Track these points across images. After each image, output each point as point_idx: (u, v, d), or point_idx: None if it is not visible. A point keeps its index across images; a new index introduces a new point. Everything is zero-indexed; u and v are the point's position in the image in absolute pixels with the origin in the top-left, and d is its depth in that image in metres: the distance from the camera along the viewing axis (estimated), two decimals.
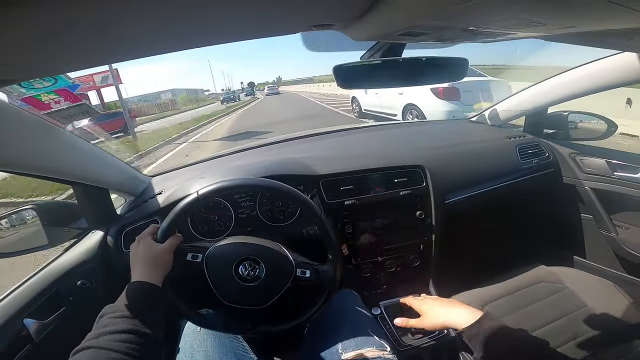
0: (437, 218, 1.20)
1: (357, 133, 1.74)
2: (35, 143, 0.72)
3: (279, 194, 0.85)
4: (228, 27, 0.47)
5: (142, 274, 0.67)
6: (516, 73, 4.49)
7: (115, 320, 0.56)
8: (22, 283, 0.87)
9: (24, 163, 0.71)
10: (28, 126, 0.70)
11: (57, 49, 0.40)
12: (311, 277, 0.81)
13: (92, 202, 1.02)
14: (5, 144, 0.63)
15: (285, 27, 0.52)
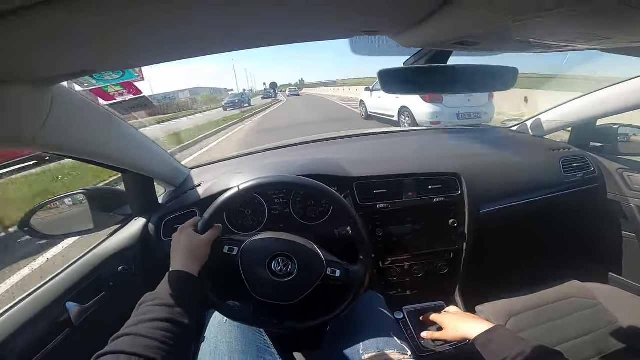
0: (469, 227, 1.18)
1: (391, 137, 1.73)
2: (98, 132, 0.78)
3: (315, 192, 0.86)
4: (285, 30, 0.49)
5: (182, 264, 0.69)
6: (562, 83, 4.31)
7: (154, 308, 0.58)
8: (68, 266, 0.91)
9: (88, 150, 0.76)
10: (94, 116, 0.75)
11: (132, 43, 0.44)
12: (341, 276, 0.82)
13: (138, 190, 1.07)
14: (74, 132, 0.68)
15: (338, 31, 0.54)
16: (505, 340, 0.72)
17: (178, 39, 0.45)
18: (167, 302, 0.59)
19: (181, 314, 0.58)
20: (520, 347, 0.66)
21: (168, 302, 0.59)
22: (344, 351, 0.82)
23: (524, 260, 1.37)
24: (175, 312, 0.58)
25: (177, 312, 0.58)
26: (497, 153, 1.38)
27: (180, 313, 0.58)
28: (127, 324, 0.56)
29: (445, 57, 0.70)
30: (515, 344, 0.69)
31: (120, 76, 0.60)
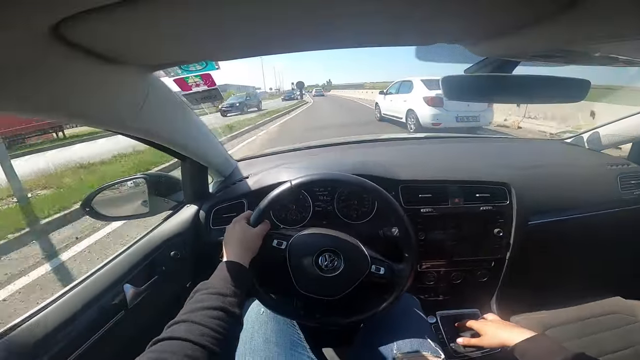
0: (515, 238, 1.16)
1: (439, 143, 1.71)
2: (176, 120, 0.83)
3: (365, 191, 0.88)
4: (370, 35, 0.52)
5: (235, 254, 0.72)
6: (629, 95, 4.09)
7: (209, 297, 0.59)
8: (127, 249, 0.95)
9: (165, 136, 0.81)
10: (174, 104, 0.80)
11: (222, 37, 0.47)
12: (385, 274, 0.83)
13: (193, 178, 1.12)
14: (158, 118, 0.74)
15: (421, 39, 0.55)
16: (545, 350, 0.71)
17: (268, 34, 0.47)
18: (221, 292, 0.60)
19: (232, 304, 0.60)
20: (562, 356, 0.65)
21: (222, 292, 0.60)
22: (378, 349, 0.83)
23: (566, 274, 1.33)
24: (228, 301, 0.59)
25: (229, 301, 0.59)
26: (550, 165, 1.34)
27: (231, 303, 0.60)
28: (182, 311, 0.58)
29: (511, 67, 0.70)
30: (558, 352, 0.68)
31: (202, 67, 0.63)
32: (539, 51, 0.49)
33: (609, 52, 0.45)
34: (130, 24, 0.37)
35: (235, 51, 0.55)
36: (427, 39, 0.56)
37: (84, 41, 0.39)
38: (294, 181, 0.83)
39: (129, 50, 0.47)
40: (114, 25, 0.37)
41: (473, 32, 0.50)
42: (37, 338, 0.65)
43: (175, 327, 0.54)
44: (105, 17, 0.33)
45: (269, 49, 0.54)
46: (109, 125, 0.61)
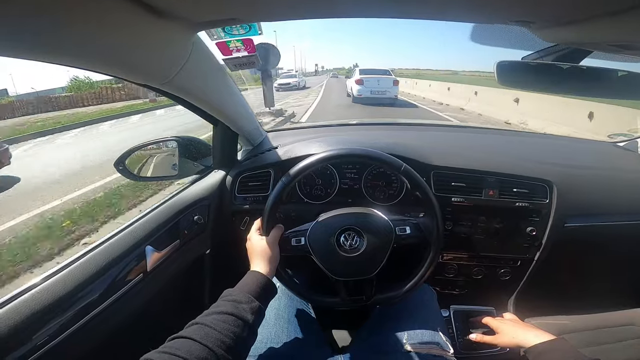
0: (549, 239, 1.10)
1: (478, 133, 1.64)
2: (214, 83, 0.82)
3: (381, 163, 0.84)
4: (442, 6, 0.48)
5: (257, 265, 0.75)
6: None
7: (225, 303, 0.62)
8: (151, 210, 0.94)
9: (203, 98, 0.82)
10: (214, 68, 0.79)
11: None
12: (412, 232, 0.81)
13: (224, 143, 1.12)
14: (197, 79, 0.73)
15: (493, 16, 0.51)
16: (560, 354, 0.69)
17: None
18: (237, 299, 0.64)
19: (245, 310, 0.62)
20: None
21: (237, 299, 0.64)
22: (388, 336, 0.83)
23: (593, 281, 1.28)
24: (241, 307, 0.62)
25: (243, 308, 0.62)
26: (598, 167, 1.25)
27: (244, 309, 0.62)
28: (202, 313, 0.61)
29: (580, 57, 0.64)
30: (574, 358, 0.66)
31: (246, 31, 0.61)
32: (619, 40, 0.44)
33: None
34: None
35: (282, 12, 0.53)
36: (490, 16, 0.51)
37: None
38: (284, 178, 0.81)
39: (178, 4, 0.45)
40: None
41: (547, 14, 0.45)
42: (57, 297, 0.66)
43: (190, 329, 0.58)
44: None
45: (314, 13, 0.51)
46: (151, 80, 0.61)
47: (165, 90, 0.69)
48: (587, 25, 0.43)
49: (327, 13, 0.51)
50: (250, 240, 0.81)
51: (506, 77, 0.69)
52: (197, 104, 0.83)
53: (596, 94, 0.71)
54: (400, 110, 10.29)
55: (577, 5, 0.40)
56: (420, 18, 0.52)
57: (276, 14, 0.54)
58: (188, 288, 1.08)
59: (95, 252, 0.77)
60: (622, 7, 0.36)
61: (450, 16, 0.51)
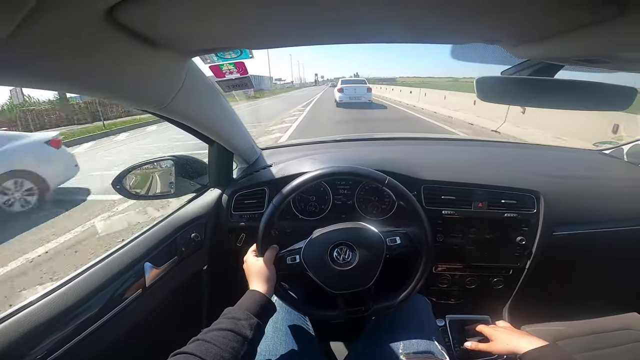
0: (538, 247, 1.12)
1: (466, 146, 1.67)
2: (209, 105, 0.85)
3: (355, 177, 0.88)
4: (414, 31, 0.51)
5: (255, 285, 0.78)
6: None
7: (225, 320, 0.65)
8: (150, 228, 0.96)
9: (196, 120, 0.84)
10: (208, 90, 0.82)
11: (261, 26, 0.48)
12: (402, 242, 0.84)
13: (219, 163, 1.15)
14: (192, 102, 0.76)
15: (462, 37, 0.54)
16: (556, 359, 0.70)
17: (323, 25, 0.48)
18: (236, 316, 0.66)
19: (244, 326, 0.64)
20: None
21: (236, 316, 0.66)
22: (384, 347, 0.83)
23: (585, 287, 1.29)
24: (240, 324, 0.64)
25: (241, 324, 0.64)
26: (584, 175, 1.28)
27: (243, 325, 0.64)
28: (203, 330, 0.63)
29: (553, 71, 0.67)
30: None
31: (237, 55, 0.64)
32: (585, 55, 0.47)
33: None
34: (176, 10, 0.39)
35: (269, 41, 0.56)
36: (463, 38, 0.55)
37: (134, 24, 0.41)
38: (274, 201, 0.84)
39: (171, 35, 0.48)
40: (162, 11, 0.38)
41: (514, 33, 0.48)
42: (58, 312, 0.67)
43: (192, 345, 0.60)
44: (156, 2, 0.34)
45: (298, 40, 0.54)
46: (146, 106, 0.64)
47: (163, 114, 0.72)
48: (552, 41, 0.46)
49: (309, 41, 0.54)
50: (247, 262, 0.84)
51: (486, 92, 0.71)
52: (193, 126, 0.86)
53: (572, 106, 0.74)
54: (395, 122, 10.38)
55: (539, 23, 0.43)
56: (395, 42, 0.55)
57: (264, 43, 0.57)
58: (186, 303, 1.09)
59: (95, 268, 0.78)
60: (581, 24, 0.39)
61: (423, 39, 0.54)
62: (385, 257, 0.83)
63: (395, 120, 10.76)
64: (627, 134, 4.03)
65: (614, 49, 0.43)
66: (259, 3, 0.38)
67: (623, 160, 1.44)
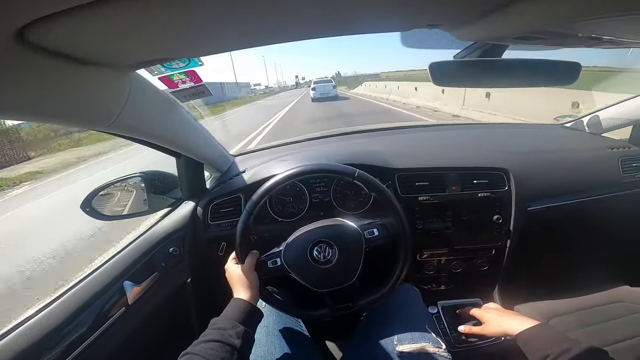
0: (515, 224, 1.14)
1: (434, 131, 1.69)
2: (164, 117, 0.83)
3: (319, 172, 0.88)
4: (348, 22, 0.51)
5: (239, 293, 0.77)
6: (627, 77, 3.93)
7: (212, 332, 0.65)
8: (125, 247, 0.95)
9: (155, 134, 0.82)
10: (161, 102, 0.80)
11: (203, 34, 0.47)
12: (380, 233, 0.84)
13: (189, 175, 1.13)
14: (143, 116, 0.74)
15: (402, 24, 0.54)
16: (550, 338, 0.70)
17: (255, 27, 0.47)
18: (222, 326, 0.66)
19: (231, 335, 0.64)
20: (565, 345, 0.64)
21: (222, 326, 0.66)
22: (378, 342, 0.83)
23: (571, 262, 1.31)
24: (227, 334, 0.64)
25: (228, 334, 0.64)
26: (550, 150, 1.31)
27: (230, 334, 0.64)
28: (192, 344, 0.63)
29: (500, 51, 0.68)
30: (561, 342, 0.66)
31: (186, 64, 0.63)
32: (519, 33, 0.48)
33: (590, 31, 0.44)
34: (100, 25, 0.37)
35: (216, 46, 0.55)
36: (406, 24, 0.55)
37: (52, 45, 0.39)
38: (247, 206, 0.84)
39: (103, 52, 0.47)
40: (83, 27, 0.37)
41: (450, 15, 0.49)
42: (40, 337, 0.65)
43: (181, 358, 0.60)
44: (72, 19, 0.33)
45: (239, 44, 0.54)
46: (91, 126, 0.62)
47: (112, 132, 0.70)
48: (486, 21, 0.46)
49: (250, 43, 0.54)
50: (228, 270, 0.84)
51: (440, 77, 0.72)
52: (152, 141, 0.84)
53: (522, 84, 0.75)
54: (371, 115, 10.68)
55: (471, 3, 0.43)
56: (333, 35, 0.55)
57: (205, 50, 0.56)
58: (174, 317, 1.08)
59: (74, 290, 0.77)
60: (503, 2, 0.40)
61: (364, 29, 0.54)
62: (365, 250, 0.83)
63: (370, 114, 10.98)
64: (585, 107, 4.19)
65: (546, 24, 0.44)
66: (184, 11, 0.38)
67: (585, 131, 1.48)
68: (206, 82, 0.78)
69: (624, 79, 3.92)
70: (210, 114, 9.97)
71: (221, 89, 48.13)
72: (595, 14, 0.35)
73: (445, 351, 0.79)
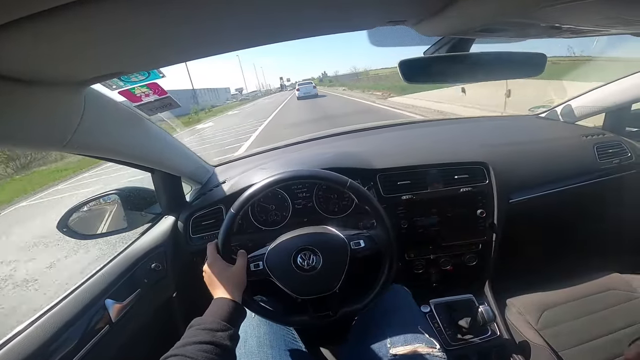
0: (499, 217, 1.14)
1: (414, 128, 1.70)
2: (128, 133, 0.81)
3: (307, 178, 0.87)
4: (307, 24, 0.50)
5: (224, 292, 0.74)
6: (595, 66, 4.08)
7: (200, 332, 0.63)
8: (105, 265, 0.93)
9: (119, 150, 0.79)
10: (124, 117, 0.78)
11: (155, 45, 0.45)
12: (366, 245, 0.83)
13: (166, 189, 1.11)
14: (102, 133, 0.71)
15: (362, 23, 0.54)
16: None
17: (209, 35, 0.46)
18: (211, 327, 0.64)
19: (223, 337, 0.63)
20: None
21: (212, 327, 0.64)
22: (371, 345, 0.82)
23: (559, 252, 1.32)
24: (218, 336, 0.62)
25: (220, 336, 0.63)
26: (526, 140, 1.33)
27: (222, 337, 0.63)
28: (176, 345, 0.61)
29: (467, 46, 0.68)
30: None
31: (145, 77, 0.61)
32: (479, 26, 0.48)
33: (548, 20, 0.43)
34: (45, 41, 0.35)
35: (172, 57, 0.53)
36: (368, 23, 0.54)
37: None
38: (232, 209, 0.82)
39: (49, 69, 0.44)
40: (24, 45, 0.35)
41: (411, 10, 0.48)
42: (24, 358, 0.64)
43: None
44: (5, 37, 0.31)
45: (206, 51, 0.52)
46: (44, 147, 0.59)
47: (70, 152, 0.67)
48: (445, 15, 0.46)
49: (206, 52, 0.52)
50: (213, 267, 0.79)
51: (410, 74, 0.71)
52: (116, 158, 0.81)
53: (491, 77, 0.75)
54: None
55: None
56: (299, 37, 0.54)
57: (160, 61, 0.54)
58: (162, 330, 1.05)
59: (55, 310, 0.75)
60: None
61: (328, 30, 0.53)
62: (350, 260, 0.81)
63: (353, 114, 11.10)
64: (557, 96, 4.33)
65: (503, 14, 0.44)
66: (137, 22, 0.36)
67: (559, 121, 1.51)
68: (176, 90, 0.76)
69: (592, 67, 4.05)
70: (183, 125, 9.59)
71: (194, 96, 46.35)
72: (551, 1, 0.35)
73: (440, 350, 0.78)
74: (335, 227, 0.86)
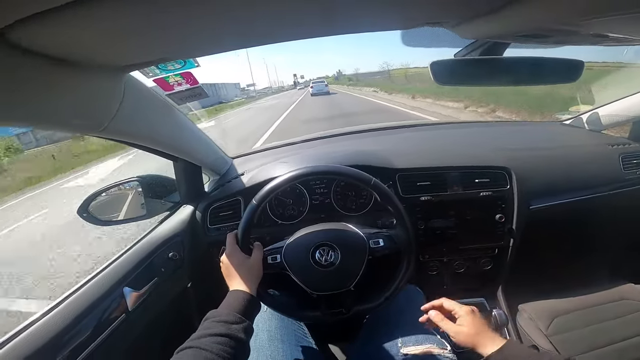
0: (518, 223, 1.13)
1: (436, 129, 1.68)
2: (160, 121, 0.82)
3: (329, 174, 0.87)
4: (344, 21, 0.50)
5: (240, 284, 0.74)
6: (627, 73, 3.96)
7: (215, 324, 0.63)
8: (123, 253, 0.94)
9: (151, 138, 0.81)
10: (157, 105, 0.79)
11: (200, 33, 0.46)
12: (386, 244, 0.83)
13: (187, 178, 1.12)
14: (138, 120, 0.72)
15: (400, 22, 0.53)
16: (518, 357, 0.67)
17: (240, 28, 0.46)
18: (226, 319, 0.64)
19: (238, 330, 0.63)
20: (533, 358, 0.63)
21: (227, 319, 0.64)
22: (382, 345, 0.82)
23: (574, 260, 1.31)
24: (233, 328, 0.62)
25: (235, 328, 0.63)
26: (550, 147, 1.30)
27: (237, 329, 0.63)
28: (191, 337, 0.61)
29: (501, 49, 0.67)
30: (529, 357, 0.64)
31: (182, 66, 0.61)
32: (523, 31, 0.47)
33: (598, 29, 0.43)
34: (91, 26, 0.36)
35: (214, 46, 0.54)
36: (406, 23, 0.54)
37: (36, 47, 0.38)
38: (255, 200, 0.81)
39: (94, 53, 0.45)
40: (72, 28, 0.35)
41: (453, 12, 0.48)
42: (42, 344, 0.65)
43: (182, 354, 0.58)
44: (58, 19, 0.31)
45: (238, 43, 0.52)
46: (82, 130, 0.60)
47: (105, 137, 0.68)
48: (489, 19, 0.45)
49: (250, 42, 0.53)
50: (231, 259, 0.78)
51: (441, 76, 0.71)
52: (147, 145, 0.82)
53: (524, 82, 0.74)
54: None
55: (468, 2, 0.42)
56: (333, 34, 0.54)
57: (203, 50, 0.55)
58: (176, 321, 1.06)
59: (74, 297, 0.76)
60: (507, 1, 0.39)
61: (363, 28, 0.53)
62: (368, 258, 0.81)
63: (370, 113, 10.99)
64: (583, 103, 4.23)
65: (552, 22, 0.43)
66: (182, 11, 0.36)
67: (584, 128, 1.48)
68: None
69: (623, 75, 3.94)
70: None
71: None
72: (605, 12, 0.34)
73: (451, 352, 0.78)
74: (354, 225, 0.86)
